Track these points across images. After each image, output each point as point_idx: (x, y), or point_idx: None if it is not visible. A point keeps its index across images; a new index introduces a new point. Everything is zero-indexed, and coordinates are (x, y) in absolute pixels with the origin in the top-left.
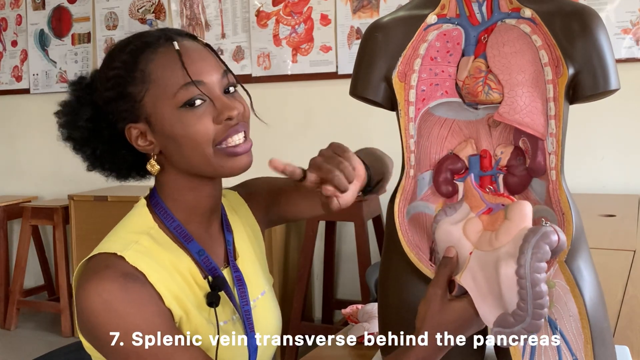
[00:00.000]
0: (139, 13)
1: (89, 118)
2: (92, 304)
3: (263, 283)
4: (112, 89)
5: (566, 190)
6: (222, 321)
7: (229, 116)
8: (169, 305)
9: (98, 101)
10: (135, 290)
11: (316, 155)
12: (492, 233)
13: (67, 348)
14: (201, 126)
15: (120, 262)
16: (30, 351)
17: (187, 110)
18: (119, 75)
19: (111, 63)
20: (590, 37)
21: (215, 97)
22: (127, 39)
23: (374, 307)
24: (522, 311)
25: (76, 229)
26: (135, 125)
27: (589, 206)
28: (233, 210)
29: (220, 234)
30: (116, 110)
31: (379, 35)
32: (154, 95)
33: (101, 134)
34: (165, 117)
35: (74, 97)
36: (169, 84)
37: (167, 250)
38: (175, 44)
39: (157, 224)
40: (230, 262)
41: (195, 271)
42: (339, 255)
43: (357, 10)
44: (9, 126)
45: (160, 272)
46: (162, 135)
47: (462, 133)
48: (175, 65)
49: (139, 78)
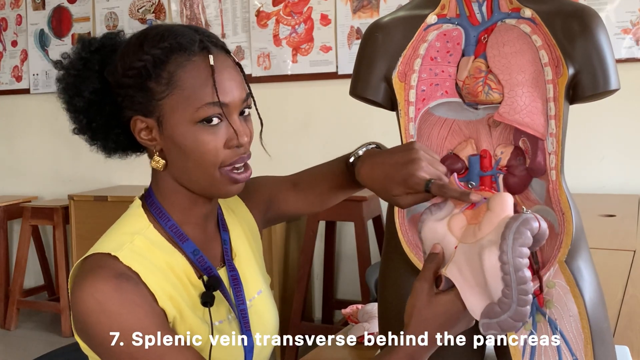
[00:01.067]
0: (139, 13)
1: (95, 90)
2: (85, 305)
3: (260, 282)
4: (133, 77)
5: (566, 190)
6: (218, 321)
7: (239, 144)
8: (163, 305)
9: (109, 78)
10: (128, 290)
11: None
12: (476, 225)
13: (67, 348)
14: (212, 147)
15: (114, 262)
16: (30, 351)
17: (203, 127)
18: (145, 67)
19: (139, 52)
20: (590, 37)
21: (232, 121)
22: (161, 32)
23: (374, 307)
24: (507, 298)
25: (76, 229)
26: (143, 119)
27: (589, 206)
28: (230, 209)
29: (216, 233)
30: (129, 98)
31: (379, 35)
32: (175, 101)
33: (102, 109)
34: (179, 126)
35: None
36: (194, 97)
37: (162, 250)
38: (211, 58)
39: (152, 223)
40: (227, 261)
41: (189, 271)
42: (339, 255)
43: (357, 10)
44: (9, 126)
45: (154, 271)
46: (170, 140)
47: (462, 133)
48: (207, 81)
49: (165, 78)
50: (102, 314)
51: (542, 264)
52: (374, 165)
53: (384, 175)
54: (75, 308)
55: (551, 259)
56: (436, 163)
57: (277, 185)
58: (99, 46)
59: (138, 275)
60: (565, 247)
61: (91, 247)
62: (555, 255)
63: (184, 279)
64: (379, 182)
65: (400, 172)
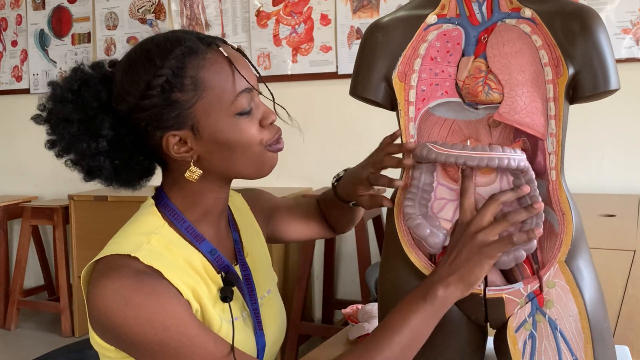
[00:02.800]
0: (139, 13)
1: (111, 126)
2: (109, 301)
3: (269, 282)
4: (156, 96)
5: (566, 190)
6: (235, 317)
7: (272, 120)
8: (187, 298)
9: (122, 107)
10: (151, 283)
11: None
12: None
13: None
14: (255, 131)
15: (134, 262)
16: (30, 351)
17: (243, 117)
18: (167, 81)
19: (152, 69)
20: (590, 37)
21: (255, 103)
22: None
23: (374, 307)
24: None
25: (76, 229)
26: (176, 133)
27: (589, 206)
28: (238, 210)
29: (228, 231)
30: (155, 117)
31: (379, 35)
32: (208, 102)
33: (123, 142)
34: (218, 124)
35: (73, 105)
36: (226, 92)
37: (179, 247)
38: (222, 50)
39: (166, 222)
40: (240, 260)
41: (208, 266)
42: (339, 255)
43: (357, 10)
44: (9, 126)
45: (175, 268)
46: (210, 141)
47: (462, 133)
48: (228, 73)
49: (190, 85)
50: (127, 306)
51: (542, 264)
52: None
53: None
54: (96, 306)
55: (551, 259)
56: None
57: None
58: (81, 83)
59: (160, 273)
60: (565, 247)
61: (104, 248)
62: (555, 255)
63: (204, 273)
64: (347, 186)
65: (360, 172)
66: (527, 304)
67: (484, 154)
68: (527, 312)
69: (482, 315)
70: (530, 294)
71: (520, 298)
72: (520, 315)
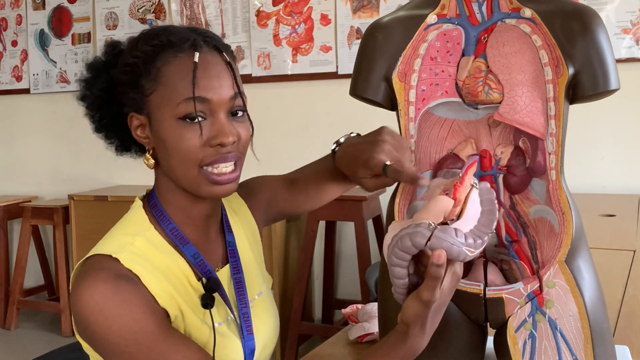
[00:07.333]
0: (139, 13)
1: (104, 88)
2: (85, 306)
3: (260, 284)
4: (127, 74)
5: (566, 190)
6: (217, 322)
7: (221, 142)
8: (164, 305)
9: (114, 77)
10: (127, 290)
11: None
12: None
13: (67, 348)
14: (191, 144)
15: (114, 264)
16: (30, 351)
17: (184, 124)
18: (136, 64)
19: (134, 49)
20: (590, 37)
21: (215, 119)
22: (156, 31)
23: (374, 307)
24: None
25: (76, 229)
26: (137, 116)
27: (589, 206)
28: (233, 211)
29: (219, 235)
30: (124, 94)
31: (379, 35)
32: (160, 97)
33: (110, 107)
34: (163, 123)
35: (100, 61)
36: (175, 93)
37: (162, 252)
38: (197, 55)
39: (153, 225)
40: (231, 262)
41: (189, 273)
42: (339, 255)
43: (357, 10)
44: (9, 126)
45: (154, 273)
46: (157, 137)
47: (462, 133)
48: (187, 77)
49: (153, 74)
50: (101, 315)
51: (542, 264)
52: (347, 149)
53: (352, 157)
54: (75, 309)
55: (551, 259)
56: (401, 149)
57: (276, 184)
58: (121, 50)
59: (139, 278)
60: (565, 247)
61: (93, 248)
62: (555, 255)
63: (184, 281)
64: (347, 163)
65: (364, 153)
66: (527, 303)
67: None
68: (527, 312)
69: (482, 315)
70: (530, 293)
71: (520, 298)
72: (520, 315)
